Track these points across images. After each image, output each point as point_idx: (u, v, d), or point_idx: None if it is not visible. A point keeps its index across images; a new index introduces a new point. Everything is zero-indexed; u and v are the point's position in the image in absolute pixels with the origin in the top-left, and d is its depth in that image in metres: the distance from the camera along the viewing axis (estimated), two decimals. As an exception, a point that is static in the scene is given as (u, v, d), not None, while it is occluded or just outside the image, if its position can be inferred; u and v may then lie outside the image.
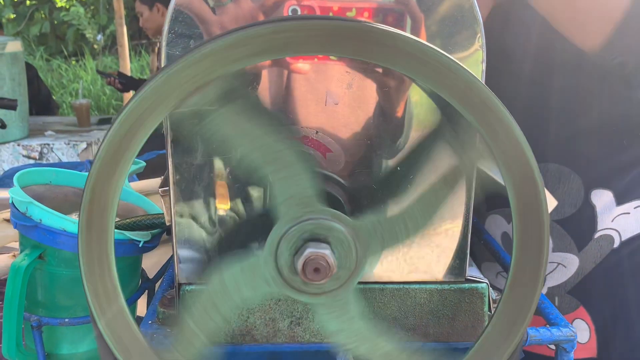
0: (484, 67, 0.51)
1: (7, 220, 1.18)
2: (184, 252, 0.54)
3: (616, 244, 0.82)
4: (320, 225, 0.45)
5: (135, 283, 0.79)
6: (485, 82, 0.51)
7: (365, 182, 0.53)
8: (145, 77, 5.28)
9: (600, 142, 0.78)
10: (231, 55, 0.39)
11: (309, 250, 0.44)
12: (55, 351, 0.73)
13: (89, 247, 0.44)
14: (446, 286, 0.56)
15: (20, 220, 0.68)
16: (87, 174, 0.85)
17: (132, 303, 0.77)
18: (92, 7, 6.31)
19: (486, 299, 0.57)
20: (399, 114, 0.52)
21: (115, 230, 0.70)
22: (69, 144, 2.70)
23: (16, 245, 1.22)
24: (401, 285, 0.56)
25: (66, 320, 0.71)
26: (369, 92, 0.51)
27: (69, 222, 0.68)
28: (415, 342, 0.56)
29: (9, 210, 1.22)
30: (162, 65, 0.64)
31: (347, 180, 0.53)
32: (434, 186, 0.46)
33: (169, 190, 0.62)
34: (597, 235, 0.81)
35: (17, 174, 0.74)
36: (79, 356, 0.74)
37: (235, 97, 0.42)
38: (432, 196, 0.46)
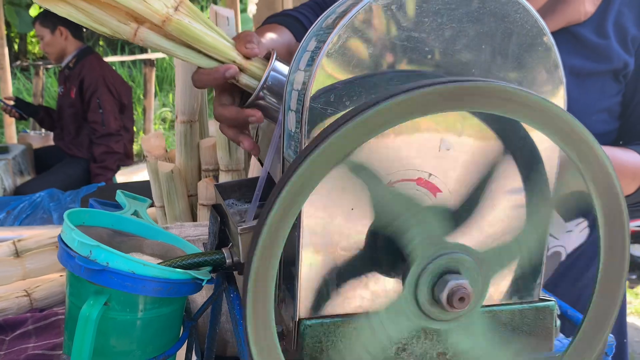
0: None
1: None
2: (306, 289, 0.57)
3: (563, 257, 1.02)
4: (453, 259, 0.52)
5: (180, 323, 0.78)
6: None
7: (467, 217, 0.60)
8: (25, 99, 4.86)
9: None
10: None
11: (453, 282, 0.51)
12: (112, 399, 0.70)
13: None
14: (526, 305, 0.64)
15: (86, 264, 0.66)
16: (115, 214, 0.82)
17: (183, 342, 0.76)
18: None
19: (555, 315, 0.66)
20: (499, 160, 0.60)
21: (179, 269, 0.70)
22: (-37, 176, 2.45)
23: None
24: (490, 308, 0.63)
25: (129, 365, 0.69)
26: (475, 140, 0.58)
27: (139, 265, 0.67)
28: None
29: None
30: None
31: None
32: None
33: (248, 228, 0.65)
34: (549, 252, 1.00)
35: (67, 215, 0.71)
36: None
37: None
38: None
